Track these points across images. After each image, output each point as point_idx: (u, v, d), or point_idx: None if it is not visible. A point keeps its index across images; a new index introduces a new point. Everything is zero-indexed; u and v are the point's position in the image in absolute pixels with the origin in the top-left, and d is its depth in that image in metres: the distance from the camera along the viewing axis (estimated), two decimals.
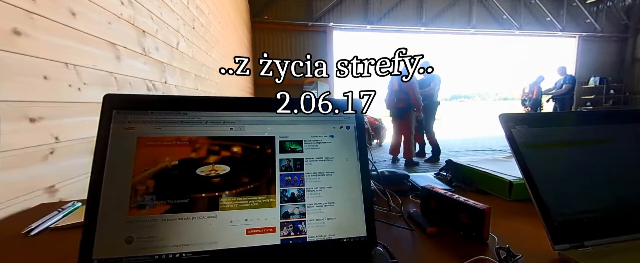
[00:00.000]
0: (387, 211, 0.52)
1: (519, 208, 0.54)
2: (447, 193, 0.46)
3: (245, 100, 0.39)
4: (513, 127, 0.42)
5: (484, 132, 6.56)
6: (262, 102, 0.39)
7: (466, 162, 0.73)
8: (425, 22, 6.26)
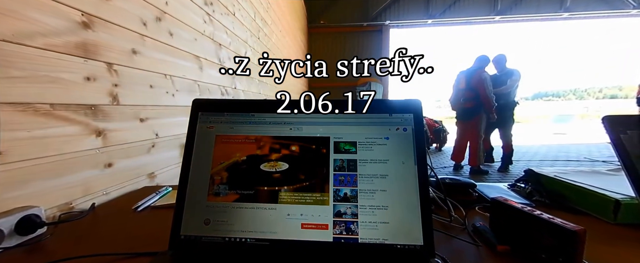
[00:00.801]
0: (448, 221, 0.48)
1: (626, 233, 0.43)
2: (526, 208, 0.39)
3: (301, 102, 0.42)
4: (623, 133, 0.34)
5: (580, 139, 5.31)
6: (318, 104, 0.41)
7: (553, 173, 0.61)
8: (500, 10, 5.45)
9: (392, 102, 0.41)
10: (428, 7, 5.67)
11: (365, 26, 5.75)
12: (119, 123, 0.77)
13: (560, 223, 0.34)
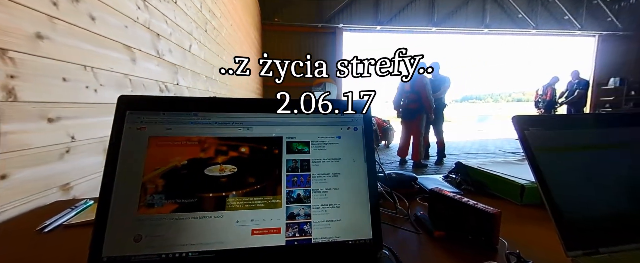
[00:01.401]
0: (394, 214, 0.51)
1: (530, 213, 0.52)
2: (456, 196, 0.45)
3: (254, 101, 0.40)
4: (527, 129, 0.41)
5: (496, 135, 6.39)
6: (270, 103, 0.40)
7: (476, 164, 0.71)
8: (436, 22, 6.17)
9: (344, 102, 0.42)
10: (377, 14, 6.06)
11: (319, 27, 5.85)
12: (17, 124, 0.61)
13: (482, 208, 0.39)
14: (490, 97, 34.66)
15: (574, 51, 7.10)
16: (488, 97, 35.16)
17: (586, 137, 0.42)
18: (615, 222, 0.37)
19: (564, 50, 20.42)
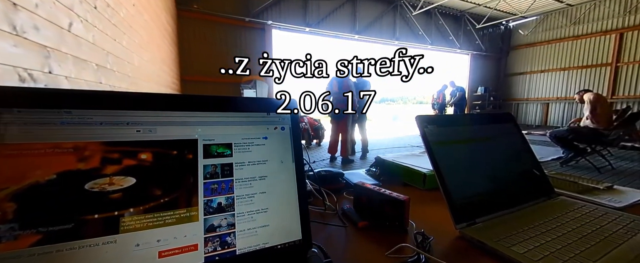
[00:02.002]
0: (323, 210, 0.53)
1: (432, 196, 0.63)
2: (375, 188, 0.49)
3: (159, 97, 0.33)
4: (426, 127, 0.49)
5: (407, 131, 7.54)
6: (182, 100, 0.34)
7: (392, 158, 0.81)
8: (358, 30, 6.78)
9: (270, 101, 0.40)
10: (305, 15, 6.21)
11: (247, 22, 5.55)
12: None
13: (395, 196, 0.45)
14: (401, 100, 41.56)
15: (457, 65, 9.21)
16: (399, 99, 41.97)
17: (465, 132, 0.54)
18: (486, 198, 0.48)
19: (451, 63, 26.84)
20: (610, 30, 6.86)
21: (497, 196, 0.50)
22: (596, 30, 7.11)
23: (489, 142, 0.55)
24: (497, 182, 0.51)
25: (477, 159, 0.52)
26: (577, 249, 0.36)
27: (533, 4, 7.15)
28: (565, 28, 7.69)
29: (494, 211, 0.47)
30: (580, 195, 0.59)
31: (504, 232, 0.41)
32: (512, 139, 0.59)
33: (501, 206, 0.48)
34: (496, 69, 9.37)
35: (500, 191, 0.51)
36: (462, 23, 8.38)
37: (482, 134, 0.56)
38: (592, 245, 0.37)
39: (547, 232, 0.41)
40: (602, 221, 0.44)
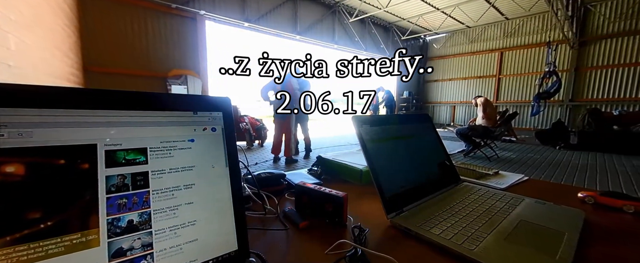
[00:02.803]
0: (263, 215, 0.50)
1: (368, 190, 0.67)
2: (316, 187, 0.50)
3: (37, 91, 0.25)
4: (361, 127, 0.52)
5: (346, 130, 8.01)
6: (75, 96, 0.27)
7: (332, 156, 0.84)
8: (300, 31, 6.85)
9: (198, 98, 0.36)
10: (244, 10, 5.90)
11: (173, 8, 4.92)
12: None
13: (334, 194, 0.46)
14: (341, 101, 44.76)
15: None
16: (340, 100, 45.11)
17: (394, 131, 0.59)
18: (411, 188, 0.54)
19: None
20: (495, 49, 8.79)
21: (420, 186, 0.57)
22: (485, 48, 9.00)
23: (412, 139, 0.63)
24: (419, 173, 0.59)
25: (404, 154, 0.58)
26: (477, 225, 0.44)
27: (442, 23, 8.59)
28: (465, 45, 9.49)
29: (417, 199, 0.53)
30: (477, 180, 0.73)
31: (425, 217, 0.47)
32: (429, 136, 0.69)
33: (423, 194, 0.55)
34: (417, 76, 10.88)
35: (422, 181, 0.58)
36: (391, 34, 9.42)
37: (407, 132, 0.63)
38: (487, 220, 0.46)
39: (456, 214, 0.48)
40: (493, 200, 0.55)
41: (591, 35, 6.99)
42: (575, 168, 3.55)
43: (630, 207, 0.52)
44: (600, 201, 0.56)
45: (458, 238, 0.40)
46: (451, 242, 0.39)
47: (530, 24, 7.99)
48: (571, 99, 7.31)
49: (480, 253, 0.36)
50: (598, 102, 6.86)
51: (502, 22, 8.47)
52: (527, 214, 0.49)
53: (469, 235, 0.41)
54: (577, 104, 7.22)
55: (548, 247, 0.38)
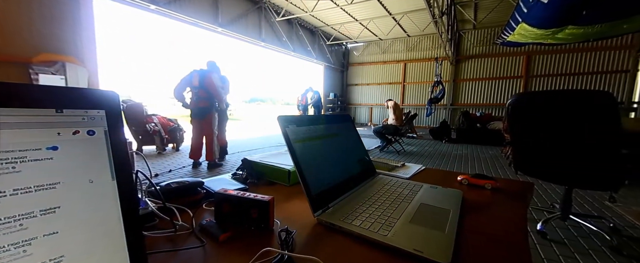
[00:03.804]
0: (173, 233, 0.43)
1: (296, 190, 0.67)
2: (239, 193, 0.46)
3: None
4: (287, 127, 0.51)
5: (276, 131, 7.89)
6: None
7: (259, 158, 0.80)
8: (222, 23, 6.31)
9: (64, 91, 0.27)
10: None
11: None
12: None
13: (259, 198, 0.43)
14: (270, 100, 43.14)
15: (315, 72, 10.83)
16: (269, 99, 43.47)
17: (318, 130, 0.61)
18: (335, 184, 0.57)
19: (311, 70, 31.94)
20: (400, 60, 10.40)
21: (343, 182, 0.60)
22: (393, 59, 10.55)
23: (336, 138, 0.66)
24: (343, 170, 0.62)
25: (328, 153, 0.60)
26: (389, 212, 0.50)
27: (360, 34, 9.59)
28: (379, 55, 10.88)
29: (341, 195, 0.56)
30: (389, 172, 0.84)
31: (347, 211, 0.50)
32: (351, 135, 0.74)
33: (346, 189, 0.59)
34: (341, 80, 11.78)
35: (345, 177, 0.62)
36: (317, 37, 9.86)
37: (331, 132, 0.66)
38: (397, 206, 0.53)
39: (373, 205, 0.54)
40: (401, 189, 0.64)
41: (463, 55, 9.17)
42: (455, 157, 4.59)
43: (489, 184, 0.70)
44: (471, 182, 0.73)
45: (375, 227, 0.44)
46: (369, 231, 0.43)
47: (425, 42, 9.85)
48: (451, 103, 9.40)
49: (392, 237, 0.41)
50: (468, 106, 9.04)
51: (405, 38, 10.12)
52: (425, 198, 0.58)
53: (384, 222, 0.46)
54: (455, 107, 9.34)
55: (439, 223, 0.46)
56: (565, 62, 7.78)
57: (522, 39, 4.18)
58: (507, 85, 8.62)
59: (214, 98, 3.32)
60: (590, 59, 7.48)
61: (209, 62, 3.49)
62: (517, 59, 8.37)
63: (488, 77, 8.87)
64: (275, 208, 0.50)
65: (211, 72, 3.34)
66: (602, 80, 7.40)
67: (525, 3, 3.10)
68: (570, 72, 7.73)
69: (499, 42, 5.13)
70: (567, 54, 7.67)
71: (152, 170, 3.34)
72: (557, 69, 7.88)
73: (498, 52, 8.52)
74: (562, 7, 2.77)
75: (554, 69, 7.92)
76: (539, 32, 3.58)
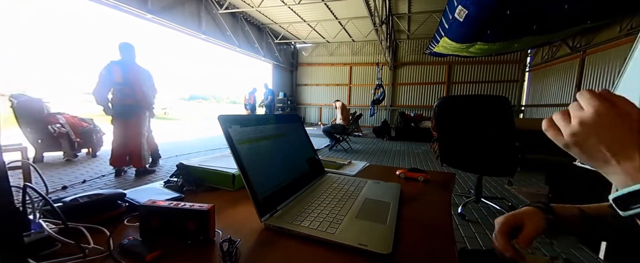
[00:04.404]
0: (81, 259, 0.35)
1: (241, 196, 0.63)
2: (171, 204, 0.40)
3: None
4: (230, 127, 0.47)
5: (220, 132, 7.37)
6: None
7: (198, 162, 0.72)
8: (152, 9, 5.54)
9: None
10: None
11: None
12: None
13: (196, 208, 0.39)
14: (214, 98, 39.34)
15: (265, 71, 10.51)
16: (212, 97, 39.63)
17: (267, 130, 0.58)
18: (284, 186, 0.55)
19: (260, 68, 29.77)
20: (346, 63, 10.94)
21: (292, 182, 0.59)
22: (340, 62, 11.03)
23: (284, 138, 0.65)
24: (291, 170, 0.61)
25: (276, 153, 0.58)
26: (337, 209, 0.51)
27: (309, 35, 9.72)
28: (327, 57, 11.22)
29: (290, 196, 0.55)
30: (337, 171, 0.87)
31: (297, 212, 0.49)
32: (299, 135, 0.73)
33: (295, 190, 0.58)
34: (291, 79, 11.72)
35: (294, 178, 0.61)
36: (265, 35, 9.58)
37: (279, 132, 0.64)
38: (344, 203, 0.54)
39: (322, 204, 0.54)
40: (347, 186, 0.66)
41: (399, 61, 10.20)
42: (395, 153, 5.06)
43: (421, 177, 0.79)
44: (408, 175, 0.81)
45: (323, 226, 0.44)
46: (318, 230, 0.43)
47: (368, 48, 10.59)
48: (391, 105, 10.36)
49: (339, 234, 0.42)
50: (404, 107, 10.09)
51: (351, 43, 10.70)
52: (369, 193, 0.62)
53: (332, 220, 0.46)
54: (394, 108, 10.33)
55: (381, 216, 0.49)
56: (477, 72, 9.45)
57: (445, 50, 4.91)
58: (435, 89, 9.96)
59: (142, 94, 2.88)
60: (494, 70, 9.27)
61: (121, 45, 2.79)
62: (441, 67, 9.77)
63: (420, 82, 10.09)
64: (217, 216, 0.46)
65: (133, 62, 2.85)
66: (502, 88, 9.26)
67: (446, 20, 3.64)
68: (480, 80, 9.43)
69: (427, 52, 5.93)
70: (478, 65, 9.31)
71: (60, 181, 2.71)
72: (471, 77, 9.52)
73: (427, 60, 9.76)
74: (473, 25, 3.36)
75: (469, 77, 9.54)
76: (456, 46, 4.26)
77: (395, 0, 6.78)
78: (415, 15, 7.80)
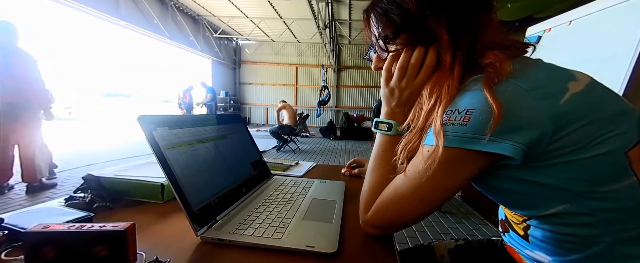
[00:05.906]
0: None
1: (171, 208, 0.55)
2: (73, 227, 0.32)
3: None
4: (155, 130, 0.41)
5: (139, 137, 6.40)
6: None
7: (113, 173, 0.60)
8: None
9: None
10: None
11: None
12: None
13: (109, 229, 0.32)
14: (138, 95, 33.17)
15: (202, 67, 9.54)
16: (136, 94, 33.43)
17: (201, 133, 0.53)
18: (223, 194, 0.51)
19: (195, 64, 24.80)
20: (292, 63, 10.93)
21: (234, 189, 0.55)
22: (286, 62, 10.96)
23: (224, 140, 0.59)
24: (233, 176, 0.56)
25: (214, 158, 0.53)
26: (284, 213, 0.50)
27: (252, 32, 9.34)
28: (272, 56, 10.99)
29: (231, 204, 0.51)
30: (284, 172, 0.85)
31: (240, 220, 0.46)
32: (242, 136, 0.69)
33: (237, 197, 0.54)
34: (233, 77, 11.05)
35: (237, 183, 0.56)
36: (202, 28, 8.76)
37: (218, 134, 0.59)
38: (291, 206, 0.53)
39: (267, 209, 0.52)
40: (294, 187, 0.65)
41: (343, 65, 10.74)
42: (340, 152, 5.30)
43: (363, 173, 0.84)
44: (351, 173, 0.85)
45: (269, 232, 0.42)
46: (263, 237, 0.41)
47: (313, 50, 10.81)
48: (336, 106, 10.83)
49: (286, 239, 0.41)
50: (348, 108, 10.68)
51: (296, 44, 10.74)
52: (316, 193, 0.62)
53: (278, 225, 0.45)
54: (338, 109, 10.82)
55: (328, 215, 0.50)
56: None
57: None
58: (373, 92, 10.85)
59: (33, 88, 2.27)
60: None
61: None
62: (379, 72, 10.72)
63: (361, 85, 10.83)
64: (141, 235, 0.39)
65: (16, 47, 2.20)
66: None
67: None
68: None
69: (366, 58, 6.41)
70: None
71: None
72: None
73: (366, 65, 10.55)
74: None
75: None
76: None
77: (338, 5, 7.10)
78: (354, 23, 8.32)
